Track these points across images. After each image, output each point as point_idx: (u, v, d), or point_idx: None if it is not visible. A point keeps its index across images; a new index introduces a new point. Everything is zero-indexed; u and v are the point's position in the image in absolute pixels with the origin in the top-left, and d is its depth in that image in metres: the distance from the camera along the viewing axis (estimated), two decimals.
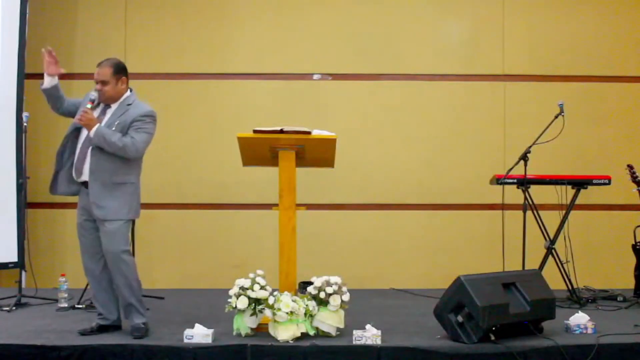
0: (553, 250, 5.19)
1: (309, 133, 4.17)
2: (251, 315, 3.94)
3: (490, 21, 6.27)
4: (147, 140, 4.05)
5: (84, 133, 4.01)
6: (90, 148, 3.97)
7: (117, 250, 3.99)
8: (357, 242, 6.18)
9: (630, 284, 5.25)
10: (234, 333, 4.01)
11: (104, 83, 3.99)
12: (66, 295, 5.00)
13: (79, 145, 4.03)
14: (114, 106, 4.07)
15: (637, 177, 5.16)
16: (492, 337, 3.81)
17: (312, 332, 3.95)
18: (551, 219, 5.27)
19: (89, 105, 3.93)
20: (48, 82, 3.99)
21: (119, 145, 3.92)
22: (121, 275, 4.01)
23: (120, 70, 4.05)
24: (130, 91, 4.13)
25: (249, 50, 6.26)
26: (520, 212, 5.07)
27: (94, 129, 3.89)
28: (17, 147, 5.70)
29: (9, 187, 5.66)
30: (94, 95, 3.97)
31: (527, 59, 6.25)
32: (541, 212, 5.22)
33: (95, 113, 4.01)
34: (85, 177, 4.00)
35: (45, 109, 6.02)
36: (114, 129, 3.97)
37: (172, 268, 6.11)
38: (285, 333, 3.86)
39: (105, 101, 4.06)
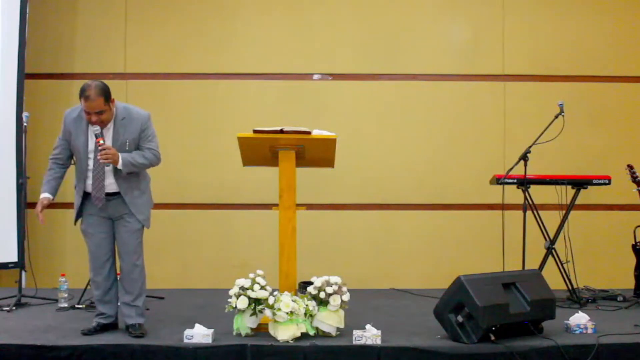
0: (553, 250, 5.19)
1: (309, 133, 4.17)
2: (251, 315, 3.94)
3: (490, 21, 6.27)
4: (158, 143, 4.18)
5: (84, 159, 4.02)
6: (105, 172, 3.99)
7: (137, 251, 4.13)
8: (357, 242, 6.18)
9: (630, 284, 5.25)
10: (234, 333, 4.01)
11: (100, 114, 3.90)
12: (66, 295, 5.00)
13: (89, 172, 4.02)
14: (110, 125, 4.02)
15: (637, 177, 5.15)
16: (492, 337, 3.81)
17: (312, 332, 3.95)
18: (551, 219, 5.27)
19: (102, 141, 3.90)
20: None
21: (147, 164, 4.11)
22: (136, 276, 4.10)
23: (108, 94, 3.95)
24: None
25: (249, 50, 6.26)
26: (520, 212, 5.07)
27: (120, 161, 3.95)
28: (17, 147, 5.70)
29: (9, 187, 5.66)
30: (97, 129, 3.92)
31: (527, 59, 6.25)
32: (541, 212, 5.23)
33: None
34: (112, 190, 4.04)
35: (45, 109, 6.12)
36: (127, 148, 4.01)
37: (172, 268, 6.10)
38: (285, 333, 3.86)
39: (103, 126, 4.00)
